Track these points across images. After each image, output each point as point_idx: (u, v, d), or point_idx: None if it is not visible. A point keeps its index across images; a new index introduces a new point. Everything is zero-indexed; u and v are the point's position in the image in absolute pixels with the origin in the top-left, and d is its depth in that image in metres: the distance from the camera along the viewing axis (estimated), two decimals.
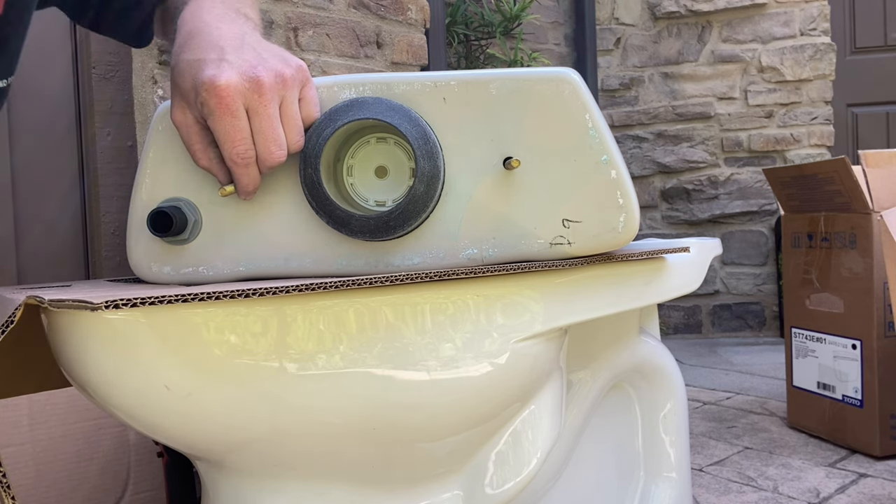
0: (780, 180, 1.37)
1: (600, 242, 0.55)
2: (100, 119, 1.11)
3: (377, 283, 0.48)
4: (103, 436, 0.80)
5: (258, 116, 0.50)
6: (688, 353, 2.19)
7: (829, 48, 2.34)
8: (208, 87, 0.49)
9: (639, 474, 0.80)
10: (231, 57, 0.50)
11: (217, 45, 0.51)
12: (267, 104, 0.50)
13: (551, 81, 0.54)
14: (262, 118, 0.50)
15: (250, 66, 0.50)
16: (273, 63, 0.51)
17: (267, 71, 0.50)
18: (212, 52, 0.50)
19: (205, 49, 0.51)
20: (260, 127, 0.50)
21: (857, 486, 1.10)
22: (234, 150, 0.50)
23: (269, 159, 0.51)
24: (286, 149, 0.52)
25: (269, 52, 0.52)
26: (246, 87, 0.49)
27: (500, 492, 0.57)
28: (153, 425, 0.49)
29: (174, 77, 0.52)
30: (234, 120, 0.49)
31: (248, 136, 0.50)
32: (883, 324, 1.19)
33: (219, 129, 0.50)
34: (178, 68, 0.52)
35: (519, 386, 0.56)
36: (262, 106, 0.50)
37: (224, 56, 0.50)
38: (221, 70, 0.49)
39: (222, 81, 0.49)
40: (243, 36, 0.53)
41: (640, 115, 2.48)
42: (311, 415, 0.50)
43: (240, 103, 0.49)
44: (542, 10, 2.33)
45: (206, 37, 0.52)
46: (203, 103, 0.49)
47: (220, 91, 0.48)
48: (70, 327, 0.45)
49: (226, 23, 0.53)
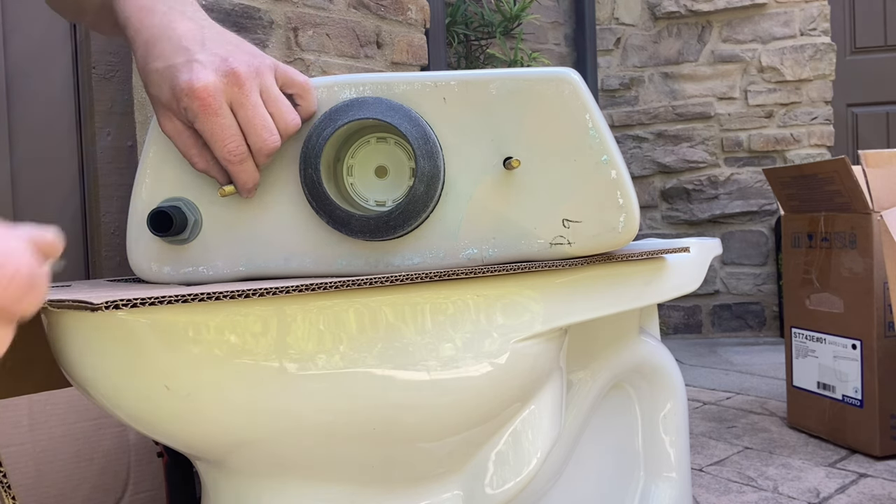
0: (780, 180, 1.37)
1: (600, 242, 0.55)
2: (100, 119, 1.11)
3: (377, 283, 0.48)
4: (103, 436, 0.80)
5: (243, 108, 0.50)
6: (688, 353, 2.19)
7: (829, 48, 2.34)
8: (187, 91, 0.48)
9: (639, 474, 0.80)
10: (200, 56, 0.49)
11: (181, 46, 0.50)
12: (248, 94, 0.50)
13: (551, 81, 0.54)
14: (246, 109, 0.50)
15: (222, 61, 0.49)
16: (241, 55, 0.51)
17: (239, 63, 0.50)
18: (179, 56, 0.50)
19: (170, 54, 0.50)
20: (247, 118, 0.50)
21: (857, 486, 1.10)
22: (226, 148, 0.50)
23: (263, 147, 0.51)
24: (278, 133, 0.51)
25: (232, 45, 0.52)
26: (224, 82, 0.49)
27: (500, 492, 0.57)
28: (153, 425, 0.49)
29: (149, 89, 0.51)
30: (220, 118, 0.49)
31: (237, 131, 0.50)
32: (883, 324, 1.19)
33: (206, 131, 0.50)
34: (150, 79, 0.51)
35: (519, 386, 0.56)
36: (245, 96, 0.50)
37: (193, 57, 0.49)
38: (195, 72, 0.49)
39: (200, 84, 0.48)
40: (202, 30, 0.52)
41: (640, 115, 2.48)
42: (311, 415, 0.50)
43: (222, 101, 0.49)
44: (542, 10, 2.33)
45: (167, 42, 0.51)
46: (186, 108, 0.49)
47: (199, 93, 0.48)
48: (70, 327, 0.45)
49: (179, 20, 0.52)
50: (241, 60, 0.50)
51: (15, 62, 1.07)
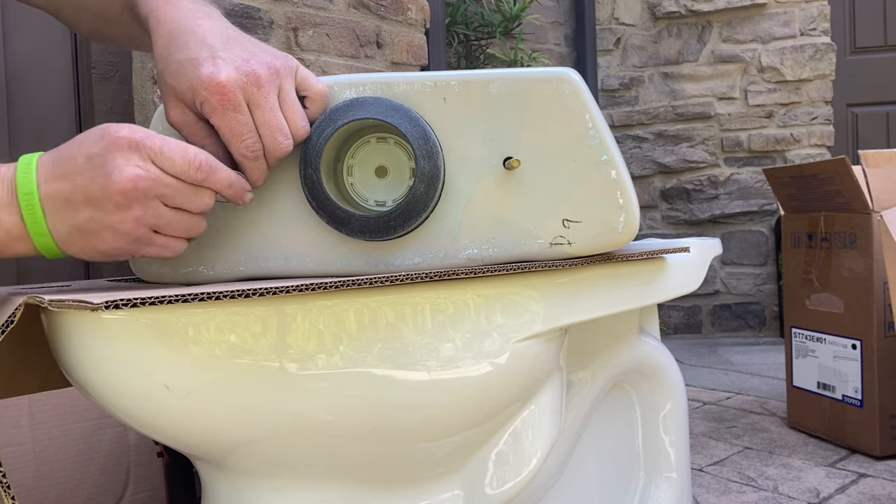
0: (780, 180, 1.37)
1: (600, 242, 0.55)
2: (100, 119, 1.11)
3: (377, 283, 0.48)
4: (103, 436, 0.80)
5: (260, 109, 0.50)
6: (688, 353, 2.19)
7: (829, 48, 2.34)
8: (208, 84, 0.49)
9: (639, 474, 0.80)
10: (223, 54, 0.50)
11: (206, 42, 0.51)
12: (267, 95, 0.50)
13: (551, 81, 0.54)
14: (264, 110, 0.50)
15: (244, 61, 0.50)
16: (263, 56, 0.51)
17: (260, 64, 0.50)
18: (203, 51, 0.50)
19: (194, 48, 0.50)
20: (264, 119, 0.50)
21: (857, 486, 1.10)
22: (243, 143, 0.50)
23: (276, 150, 0.51)
24: (291, 138, 0.52)
25: (255, 46, 0.52)
26: (244, 81, 0.49)
27: (500, 492, 0.57)
28: (153, 425, 0.49)
29: (166, 79, 0.51)
30: (239, 115, 0.49)
31: (254, 129, 0.50)
32: (883, 324, 1.19)
33: (223, 126, 0.50)
34: (169, 69, 0.51)
35: (519, 386, 0.56)
36: (263, 98, 0.50)
37: (216, 53, 0.50)
38: (218, 67, 0.49)
39: (223, 78, 0.49)
40: (227, 31, 0.52)
41: (640, 115, 2.48)
42: (310, 415, 0.50)
43: (241, 98, 0.49)
44: (542, 10, 2.33)
45: (191, 35, 0.51)
46: (204, 102, 0.49)
47: (222, 88, 0.48)
48: (70, 327, 0.45)
49: (204, 19, 0.53)
50: (263, 62, 0.51)
51: (15, 62, 1.07)
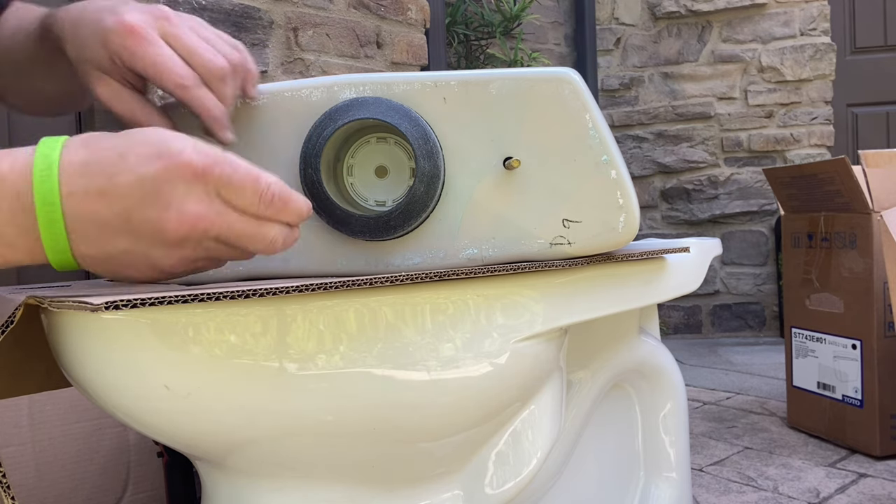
0: (780, 180, 1.37)
1: (600, 242, 0.55)
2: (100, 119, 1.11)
3: (377, 283, 0.48)
4: (103, 436, 0.80)
5: (176, 39, 0.48)
6: (688, 353, 2.19)
7: (829, 48, 2.34)
8: (117, 29, 0.47)
9: (639, 474, 0.80)
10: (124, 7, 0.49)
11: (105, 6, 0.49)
12: (179, 25, 0.49)
13: (551, 81, 0.54)
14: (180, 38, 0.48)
15: (147, 8, 0.49)
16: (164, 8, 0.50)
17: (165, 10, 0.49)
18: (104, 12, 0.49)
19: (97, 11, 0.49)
20: (184, 46, 0.48)
21: (857, 486, 1.10)
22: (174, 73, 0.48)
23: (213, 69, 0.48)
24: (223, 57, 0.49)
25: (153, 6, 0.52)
26: (153, 19, 0.48)
27: (500, 492, 0.57)
28: (153, 425, 0.49)
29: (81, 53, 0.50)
30: (158, 48, 0.47)
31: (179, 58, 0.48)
32: (883, 324, 1.19)
33: (147, 64, 0.47)
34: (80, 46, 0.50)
35: (519, 386, 0.56)
36: (175, 27, 0.48)
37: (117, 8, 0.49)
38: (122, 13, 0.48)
39: (130, 18, 0.47)
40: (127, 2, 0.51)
41: (640, 115, 2.48)
42: (311, 415, 0.50)
43: (155, 33, 0.48)
44: (542, 10, 2.33)
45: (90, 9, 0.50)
46: (120, 50, 0.47)
47: (131, 27, 0.47)
48: (70, 327, 0.45)
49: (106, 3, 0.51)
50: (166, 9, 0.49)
51: None
